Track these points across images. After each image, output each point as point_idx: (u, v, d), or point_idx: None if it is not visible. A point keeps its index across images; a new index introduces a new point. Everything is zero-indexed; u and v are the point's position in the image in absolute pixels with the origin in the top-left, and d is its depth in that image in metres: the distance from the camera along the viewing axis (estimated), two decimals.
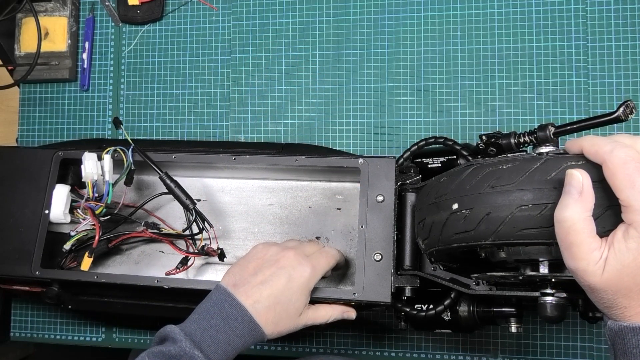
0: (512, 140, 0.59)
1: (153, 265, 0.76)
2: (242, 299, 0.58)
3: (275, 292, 0.59)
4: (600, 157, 0.44)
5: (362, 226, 0.65)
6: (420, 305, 0.65)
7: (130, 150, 0.70)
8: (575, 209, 0.43)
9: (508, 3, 0.82)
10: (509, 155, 0.57)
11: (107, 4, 0.92)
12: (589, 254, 0.43)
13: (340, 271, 0.71)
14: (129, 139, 0.71)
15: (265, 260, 0.61)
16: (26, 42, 0.92)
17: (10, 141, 0.93)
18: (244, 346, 0.57)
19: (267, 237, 0.75)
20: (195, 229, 0.69)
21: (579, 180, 0.44)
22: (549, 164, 0.48)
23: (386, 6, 0.85)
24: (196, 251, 0.71)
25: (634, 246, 0.41)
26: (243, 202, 0.76)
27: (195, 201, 0.69)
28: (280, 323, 0.59)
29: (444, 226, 0.53)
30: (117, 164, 0.71)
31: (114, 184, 0.71)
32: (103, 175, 0.70)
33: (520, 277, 0.53)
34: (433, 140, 0.69)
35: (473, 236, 0.51)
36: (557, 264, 0.51)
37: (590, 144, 0.45)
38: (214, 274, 0.75)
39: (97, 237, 0.69)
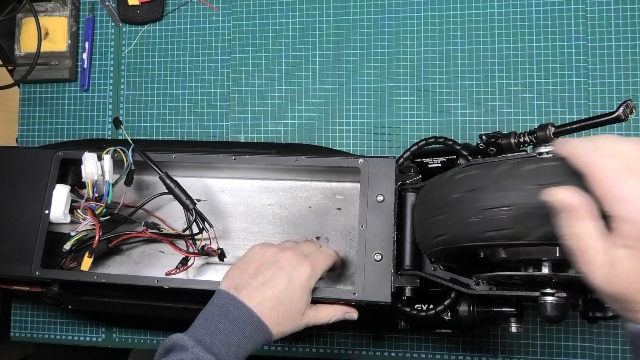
0: (512, 140, 0.59)
1: (153, 265, 0.76)
2: (245, 301, 0.58)
3: (277, 293, 0.58)
4: (583, 167, 0.43)
5: (362, 226, 0.65)
6: (420, 305, 0.65)
7: (130, 150, 0.70)
8: (576, 225, 0.43)
9: (508, 3, 0.82)
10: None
11: (107, 4, 0.92)
12: (594, 259, 0.42)
13: (337, 271, 0.71)
14: (129, 139, 0.71)
15: (264, 261, 0.61)
16: (26, 42, 0.92)
17: (10, 141, 0.93)
18: (253, 348, 0.57)
19: (267, 237, 0.75)
20: (195, 229, 0.69)
21: (566, 200, 0.43)
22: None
23: (386, 6, 0.85)
24: (196, 251, 0.71)
25: (631, 254, 0.40)
26: (243, 202, 0.76)
27: (195, 201, 0.69)
28: (284, 323, 0.59)
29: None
30: (117, 164, 0.71)
31: (114, 184, 0.71)
32: (103, 175, 0.70)
33: (519, 277, 0.53)
34: (433, 140, 0.69)
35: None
36: (561, 263, 0.51)
37: (572, 153, 0.44)
38: (214, 274, 0.75)
39: (97, 237, 0.69)
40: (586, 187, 0.43)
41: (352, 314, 0.65)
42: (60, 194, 0.71)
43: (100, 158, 0.71)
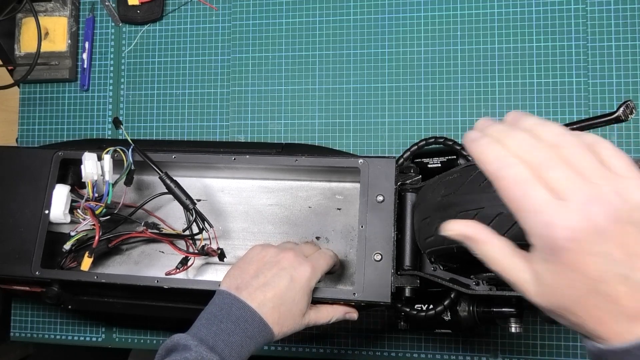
0: None
1: (153, 265, 0.76)
2: (247, 301, 0.58)
3: (279, 293, 0.58)
4: (489, 175, 0.39)
5: (362, 226, 0.65)
6: (420, 305, 0.65)
7: (130, 150, 0.70)
8: (483, 250, 0.41)
9: (508, 3, 0.82)
10: None
11: (107, 4, 0.92)
12: (519, 276, 0.40)
13: (335, 274, 0.71)
14: (129, 139, 0.71)
15: (265, 262, 0.61)
16: (26, 42, 0.92)
17: (10, 141, 0.93)
18: (255, 347, 0.57)
19: (267, 237, 0.75)
20: (195, 229, 0.69)
21: (459, 232, 0.41)
22: None
23: (386, 6, 0.85)
24: (196, 251, 0.71)
25: (550, 267, 0.37)
26: (243, 202, 0.76)
27: (195, 201, 0.69)
28: (285, 324, 0.59)
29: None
30: (117, 164, 0.71)
31: (114, 184, 0.71)
32: (103, 175, 0.70)
33: None
34: (433, 140, 0.69)
35: None
36: None
37: (477, 158, 0.40)
38: (214, 274, 0.75)
39: (97, 237, 0.69)
40: None
41: (353, 314, 0.66)
42: (60, 194, 0.71)
43: (100, 158, 0.71)
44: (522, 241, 0.47)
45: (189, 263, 0.70)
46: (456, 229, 0.42)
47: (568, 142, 0.38)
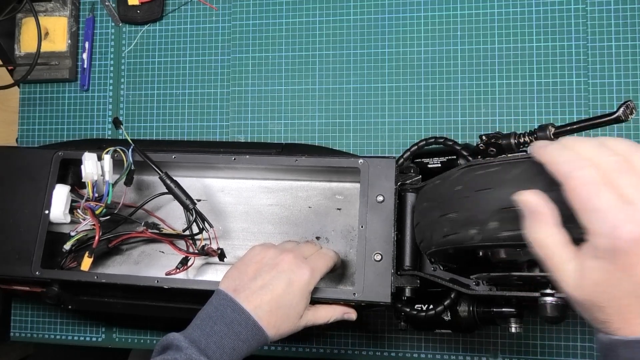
0: (512, 141, 0.59)
1: (153, 265, 0.76)
2: (243, 304, 0.58)
3: (276, 297, 0.58)
4: (559, 176, 0.42)
5: (362, 226, 0.65)
6: (420, 306, 0.65)
7: (130, 150, 0.70)
8: (539, 230, 0.43)
9: (508, 3, 0.82)
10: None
11: (107, 4, 0.92)
12: (563, 266, 0.43)
13: (337, 272, 0.71)
14: (129, 139, 0.71)
15: (264, 263, 0.61)
16: (26, 42, 0.92)
17: (10, 141, 0.93)
18: (248, 350, 0.57)
19: (267, 237, 0.75)
20: (195, 229, 0.69)
21: (531, 202, 0.44)
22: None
23: (386, 6, 0.85)
24: (196, 251, 0.71)
25: (601, 265, 0.40)
26: (243, 202, 0.76)
27: (195, 201, 0.69)
28: (282, 327, 0.59)
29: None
30: (117, 164, 0.71)
31: (114, 184, 0.71)
32: (103, 175, 0.70)
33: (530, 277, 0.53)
34: (433, 140, 0.69)
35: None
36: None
37: (549, 161, 0.43)
38: (214, 274, 0.75)
39: (97, 237, 0.69)
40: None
41: (351, 314, 0.65)
42: (60, 194, 0.71)
43: (100, 158, 0.71)
44: (519, 242, 0.47)
45: (189, 263, 0.70)
46: (528, 198, 0.44)
47: (637, 153, 0.42)
